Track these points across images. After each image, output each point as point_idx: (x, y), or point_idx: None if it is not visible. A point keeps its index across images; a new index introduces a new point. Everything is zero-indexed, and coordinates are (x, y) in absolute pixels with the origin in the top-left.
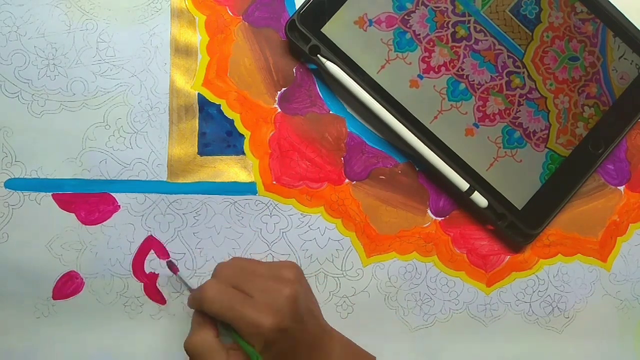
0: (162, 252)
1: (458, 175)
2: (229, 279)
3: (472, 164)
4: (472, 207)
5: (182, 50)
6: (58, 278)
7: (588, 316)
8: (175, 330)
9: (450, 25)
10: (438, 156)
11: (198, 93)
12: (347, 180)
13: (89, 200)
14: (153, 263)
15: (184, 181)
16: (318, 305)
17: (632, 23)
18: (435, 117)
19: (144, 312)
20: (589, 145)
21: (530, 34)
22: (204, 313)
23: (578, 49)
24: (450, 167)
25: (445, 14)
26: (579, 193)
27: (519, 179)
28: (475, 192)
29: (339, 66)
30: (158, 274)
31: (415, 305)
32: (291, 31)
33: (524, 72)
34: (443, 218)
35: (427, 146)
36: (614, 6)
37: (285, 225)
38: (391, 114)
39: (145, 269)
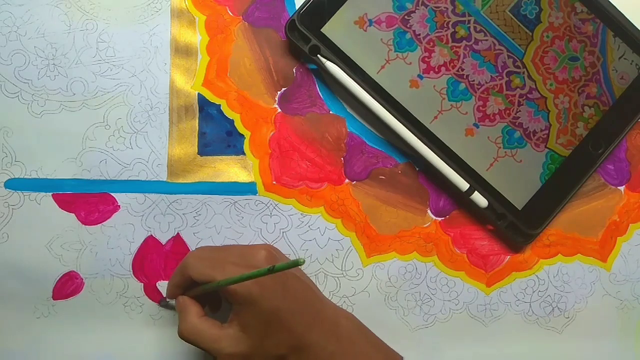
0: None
1: (458, 175)
2: (207, 250)
3: (472, 164)
4: (472, 207)
5: (182, 50)
6: (58, 278)
7: (588, 316)
8: (175, 330)
9: (450, 25)
10: (438, 156)
11: (198, 93)
12: (347, 180)
13: (89, 200)
14: None
15: (184, 181)
16: (308, 278)
17: (632, 23)
18: (435, 117)
19: (144, 312)
20: (589, 145)
21: (530, 34)
22: (184, 298)
23: (578, 49)
24: (450, 167)
25: (445, 14)
26: (579, 193)
27: (519, 179)
28: (475, 192)
29: (339, 66)
30: None
31: (415, 305)
32: (291, 31)
33: (524, 72)
34: (443, 218)
35: (427, 146)
36: (614, 6)
37: (285, 225)
38: (391, 114)
39: (145, 269)
